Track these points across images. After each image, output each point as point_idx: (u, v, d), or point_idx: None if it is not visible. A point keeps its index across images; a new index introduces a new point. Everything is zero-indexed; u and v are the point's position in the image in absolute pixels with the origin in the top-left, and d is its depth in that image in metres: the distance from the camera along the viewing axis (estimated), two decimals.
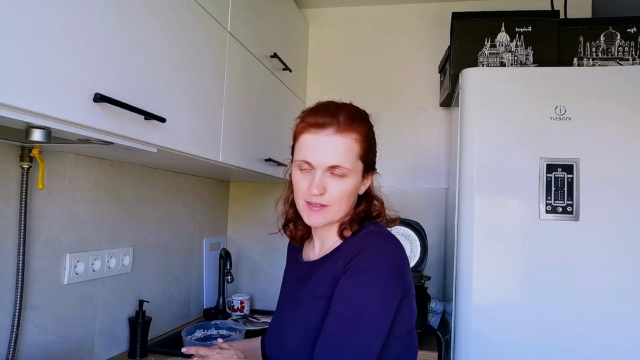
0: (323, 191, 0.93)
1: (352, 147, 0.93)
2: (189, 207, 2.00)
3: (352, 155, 0.93)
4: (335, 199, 0.94)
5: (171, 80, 1.20)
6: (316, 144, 0.93)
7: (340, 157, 0.92)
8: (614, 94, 1.53)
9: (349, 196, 0.95)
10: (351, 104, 1.00)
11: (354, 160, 0.94)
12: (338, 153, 0.92)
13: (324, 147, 0.92)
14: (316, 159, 0.93)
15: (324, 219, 0.96)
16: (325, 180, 0.93)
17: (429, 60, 2.26)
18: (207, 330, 1.78)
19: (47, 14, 0.82)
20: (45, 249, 1.28)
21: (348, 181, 0.94)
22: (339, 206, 0.95)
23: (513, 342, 1.52)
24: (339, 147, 0.92)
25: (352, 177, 0.94)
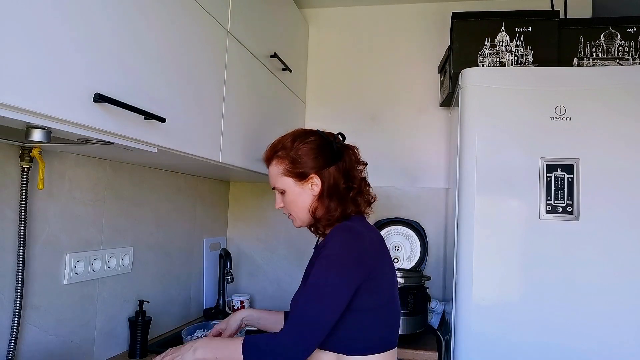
0: (280, 205, 1.28)
1: (276, 170, 1.24)
2: (189, 207, 2.00)
3: (278, 175, 1.24)
4: (291, 209, 1.26)
5: (171, 80, 1.20)
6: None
7: (272, 180, 1.27)
8: (614, 94, 1.53)
9: (295, 203, 1.24)
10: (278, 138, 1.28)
11: (282, 178, 1.23)
12: (272, 177, 1.27)
13: (269, 176, 1.29)
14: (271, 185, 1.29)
15: (296, 223, 1.28)
16: (280, 197, 1.27)
17: (429, 60, 2.26)
18: (207, 330, 1.78)
19: (47, 13, 0.82)
20: (45, 249, 1.28)
21: (288, 195, 1.24)
22: (296, 212, 1.25)
23: (513, 342, 1.52)
24: (270, 174, 1.27)
25: (289, 190, 1.23)
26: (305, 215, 1.24)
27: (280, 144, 1.25)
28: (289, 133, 1.28)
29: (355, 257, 1.11)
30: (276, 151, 1.25)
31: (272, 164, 1.26)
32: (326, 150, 1.23)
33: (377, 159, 2.20)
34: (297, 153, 1.21)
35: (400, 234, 2.18)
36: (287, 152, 1.22)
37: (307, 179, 1.21)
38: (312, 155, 1.21)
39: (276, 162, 1.24)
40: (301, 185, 1.22)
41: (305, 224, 1.28)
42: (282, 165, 1.23)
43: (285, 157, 1.22)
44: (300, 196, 1.23)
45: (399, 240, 2.17)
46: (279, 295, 2.34)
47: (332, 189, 1.21)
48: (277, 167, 1.24)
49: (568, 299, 1.51)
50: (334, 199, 1.21)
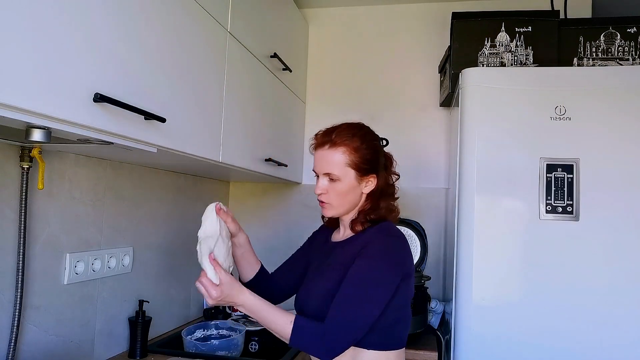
0: (323, 191, 1.24)
1: (340, 158, 1.21)
2: (189, 207, 2.00)
3: (340, 164, 1.21)
4: (332, 198, 1.24)
5: (171, 80, 1.20)
6: (317, 158, 1.25)
7: (329, 165, 1.22)
8: (614, 94, 1.53)
9: (344, 195, 1.23)
10: (347, 124, 1.26)
11: (344, 168, 1.21)
12: (330, 163, 1.22)
13: (321, 159, 1.24)
14: (318, 168, 1.25)
15: (330, 212, 1.26)
16: (326, 184, 1.23)
17: (429, 60, 2.26)
18: (207, 330, 1.78)
19: (47, 14, 0.82)
20: (45, 249, 1.28)
21: (340, 184, 1.22)
22: (338, 202, 1.24)
23: (513, 342, 1.52)
24: (328, 159, 1.22)
25: (347, 181, 1.22)
26: (346, 208, 1.26)
27: (352, 135, 1.23)
28: (355, 125, 1.26)
29: (400, 259, 1.18)
30: (345, 140, 1.22)
31: (338, 150, 1.21)
32: (382, 154, 1.29)
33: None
34: (368, 150, 1.23)
35: None
36: (360, 145, 1.22)
37: (367, 177, 1.24)
38: (377, 155, 1.25)
39: (344, 150, 1.21)
40: (359, 181, 1.23)
41: (338, 215, 1.28)
42: (350, 156, 1.21)
43: (357, 150, 1.21)
44: (354, 190, 1.24)
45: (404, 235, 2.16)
46: None
47: (382, 192, 1.27)
48: (343, 156, 1.21)
49: (568, 299, 1.51)
50: (383, 201, 1.26)
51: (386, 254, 1.17)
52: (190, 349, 1.60)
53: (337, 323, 1.11)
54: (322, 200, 1.26)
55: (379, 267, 1.15)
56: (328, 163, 1.22)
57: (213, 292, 1.13)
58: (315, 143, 1.27)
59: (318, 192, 1.25)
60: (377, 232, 1.22)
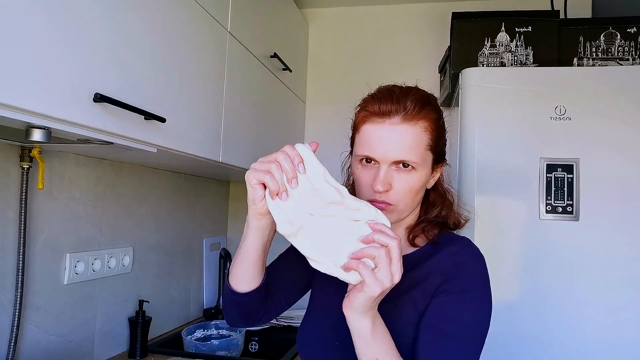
0: (388, 187, 0.81)
1: (421, 137, 0.81)
2: (189, 207, 2.00)
3: (421, 146, 0.81)
4: (402, 197, 0.82)
5: (171, 80, 1.20)
6: (381, 135, 0.80)
7: (408, 150, 0.80)
8: (614, 94, 1.53)
9: (416, 192, 0.84)
10: (418, 88, 0.86)
11: (423, 152, 0.81)
12: (405, 145, 0.80)
13: (389, 139, 0.80)
14: (381, 153, 0.80)
15: (395, 215, 0.84)
16: (391, 175, 0.81)
17: (429, 60, 2.26)
18: (207, 330, 1.78)
19: (47, 13, 0.82)
20: (45, 249, 1.28)
21: (417, 175, 0.82)
22: (405, 204, 0.84)
23: (513, 342, 1.52)
24: (406, 138, 0.80)
25: (421, 170, 0.82)
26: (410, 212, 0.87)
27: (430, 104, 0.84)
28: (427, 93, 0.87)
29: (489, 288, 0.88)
30: (428, 111, 0.82)
31: (419, 126, 0.81)
32: None
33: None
34: (443, 125, 0.86)
35: None
36: (438, 120, 0.84)
37: (439, 166, 0.88)
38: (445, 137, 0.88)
39: (426, 126, 0.81)
40: (434, 170, 0.87)
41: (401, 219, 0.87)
42: (432, 133, 0.82)
43: (438, 127, 0.84)
44: (424, 184, 0.86)
45: None
46: None
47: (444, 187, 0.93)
48: (425, 134, 0.81)
49: (568, 299, 1.51)
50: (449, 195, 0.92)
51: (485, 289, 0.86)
52: (190, 349, 1.60)
53: None
54: (383, 200, 0.82)
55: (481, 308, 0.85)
56: (402, 144, 0.80)
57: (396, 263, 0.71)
58: (370, 111, 0.83)
59: (382, 189, 0.80)
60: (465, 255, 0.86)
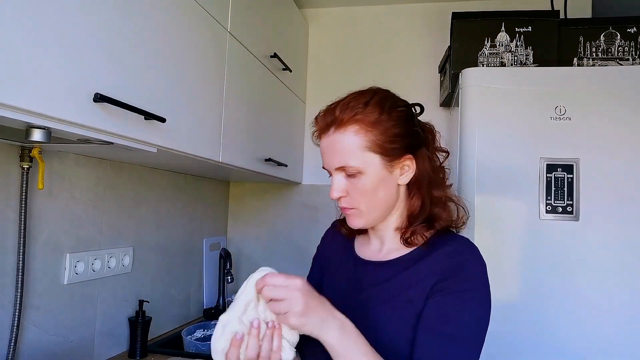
0: (344, 194, 0.87)
1: (352, 140, 0.83)
2: (189, 207, 2.00)
3: (356, 149, 0.83)
4: (358, 200, 0.86)
5: (171, 80, 1.20)
6: (323, 149, 0.88)
7: (343, 156, 0.84)
8: (614, 94, 1.53)
9: (372, 193, 0.85)
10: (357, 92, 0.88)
11: (362, 154, 0.83)
12: (339, 153, 0.84)
13: (327, 150, 0.87)
14: (326, 164, 0.88)
15: (358, 221, 0.89)
16: (345, 182, 0.86)
17: (429, 60, 2.26)
18: (207, 330, 1.78)
19: (47, 13, 0.82)
20: (45, 249, 1.28)
21: (365, 177, 0.84)
22: (367, 205, 0.87)
23: (513, 342, 1.52)
24: (337, 146, 0.85)
25: (369, 171, 0.84)
26: (382, 212, 0.89)
27: (362, 105, 0.85)
28: (367, 91, 0.89)
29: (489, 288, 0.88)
30: (356, 113, 0.84)
31: (348, 131, 0.84)
32: (416, 124, 0.91)
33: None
34: (392, 121, 0.85)
35: None
36: (377, 117, 0.84)
37: (400, 160, 0.87)
38: (406, 127, 0.87)
39: (356, 129, 0.83)
40: (390, 168, 0.86)
41: (371, 224, 0.91)
42: (367, 134, 0.83)
43: (377, 123, 0.84)
44: (386, 184, 0.86)
45: None
46: None
47: (431, 179, 0.90)
48: (357, 137, 0.83)
49: (568, 299, 1.51)
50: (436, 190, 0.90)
51: (485, 289, 0.86)
52: (190, 349, 1.60)
53: None
54: (344, 206, 0.88)
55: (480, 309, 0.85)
56: (339, 152, 0.84)
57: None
58: (317, 129, 0.90)
59: (336, 196, 0.87)
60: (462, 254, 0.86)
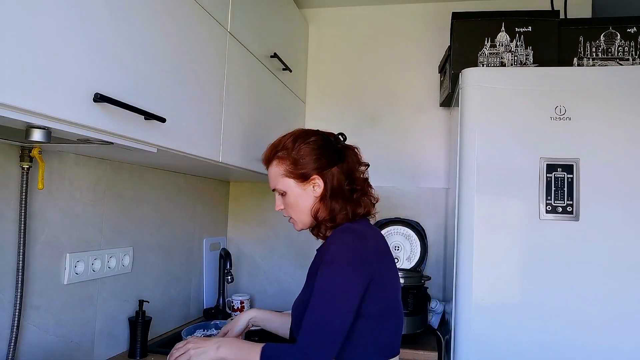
0: (280, 207, 1.25)
1: (276, 171, 1.22)
2: (189, 207, 2.00)
3: (278, 177, 1.21)
4: (290, 211, 1.24)
5: (171, 80, 1.20)
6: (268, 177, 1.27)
7: (272, 181, 1.24)
8: (614, 94, 1.53)
9: (295, 206, 1.21)
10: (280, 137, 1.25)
11: (282, 179, 1.21)
12: (271, 179, 1.25)
13: (268, 178, 1.26)
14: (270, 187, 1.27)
15: (298, 226, 1.26)
16: (280, 199, 1.25)
17: (429, 60, 2.26)
18: (207, 330, 1.78)
19: (47, 13, 0.82)
20: (45, 249, 1.28)
21: (287, 197, 1.22)
22: (297, 214, 1.23)
23: (513, 342, 1.52)
24: (270, 175, 1.25)
25: (290, 191, 1.21)
26: (306, 218, 1.22)
27: (281, 144, 1.22)
28: (289, 133, 1.25)
29: (360, 258, 1.09)
30: (277, 151, 1.22)
31: (273, 164, 1.23)
32: (328, 150, 1.20)
33: (377, 159, 2.19)
34: (298, 153, 1.19)
35: (400, 234, 2.18)
36: (289, 152, 1.20)
37: (309, 180, 1.19)
38: (314, 155, 1.18)
39: (277, 162, 1.22)
40: (303, 187, 1.19)
41: (306, 227, 1.25)
42: (283, 166, 1.20)
43: (286, 157, 1.20)
44: (302, 198, 1.20)
45: (399, 240, 2.17)
46: (279, 295, 2.34)
47: (335, 190, 1.18)
48: (277, 168, 1.21)
49: (568, 299, 1.51)
50: (337, 201, 1.18)
51: (342, 260, 1.08)
52: None
53: (309, 342, 1.03)
54: (285, 215, 1.26)
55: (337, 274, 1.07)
56: (271, 179, 1.24)
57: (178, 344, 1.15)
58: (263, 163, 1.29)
59: (277, 209, 1.26)
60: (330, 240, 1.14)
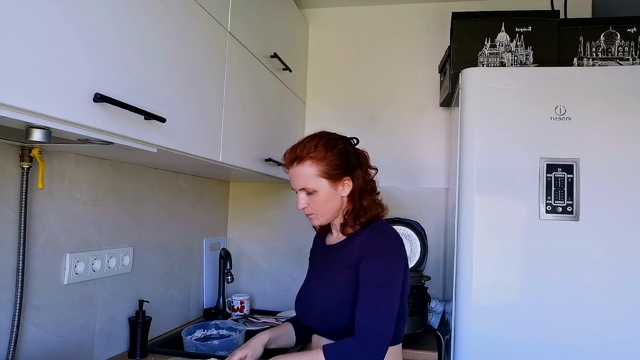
0: (305, 205, 1.29)
1: (310, 171, 1.26)
2: (189, 207, 2.00)
3: (312, 176, 1.26)
4: (315, 208, 1.29)
5: (171, 80, 1.20)
6: (290, 176, 1.30)
7: (302, 180, 1.27)
8: (614, 94, 1.53)
9: (324, 204, 1.28)
10: (309, 137, 1.31)
11: (316, 179, 1.26)
12: (301, 178, 1.27)
13: (293, 178, 1.29)
14: (293, 186, 1.31)
15: (317, 221, 1.32)
16: (304, 197, 1.29)
17: (429, 60, 2.26)
18: (207, 330, 1.78)
19: (47, 13, 0.82)
20: (45, 249, 1.28)
21: (318, 195, 1.27)
22: (322, 211, 1.29)
23: (513, 342, 1.52)
24: (301, 174, 1.27)
25: (323, 190, 1.26)
26: (332, 215, 1.31)
27: (314, 146, 1.27)
28: (316, 135, 1.31)
29: (400, 252, 1.24)
30: (309, 152, 1.27)
31: (305, 165, 1.26)
32: (352, 154, 1.31)
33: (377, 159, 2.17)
34: (333, 155, 1.27)
35: (400, 234, 2.16)
36: (324, 154, 1.26)
37: (341, 181, 1.28)
38: (344, 158, 1.28)
39: (311, 163, 1.26)
40: (335, 187, 1.28)
41: (326, 223, 1.34)
42: (318, 166, 1.26)
43: (322, 159, 1.26)
44: (332, 197, 1.28)
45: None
46: (279, 295, 2.34)
47: (361, 190, 1.30)
48: (312, 169, 1.26)
49: (568, 299, 1.51)
50: (363, 199, 1.30)
51: (392, 252, 1.22)
52: (190, 349, 1.60)
53: (372, 330, 1.14)
54: (307, 212, 1.31)
55: (390, 265, 1.20)
56: (301, 179, 1.27)
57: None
58: (284, 163, 1.31)
59: (300, 207, 1.30)
60: (375, 234, 1.25)
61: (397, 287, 1.20)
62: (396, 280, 1.20)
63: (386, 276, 1.19)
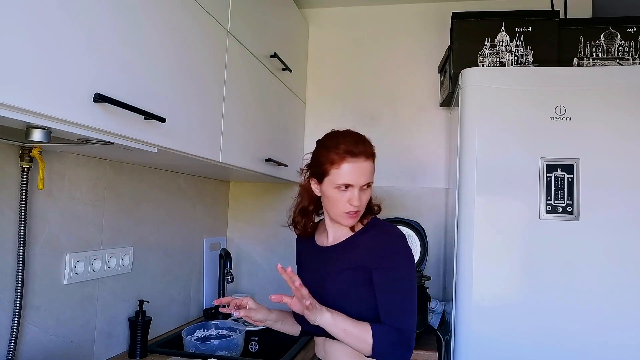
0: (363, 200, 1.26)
1: (372, 168, 1.27)
2: (189, 207, 2.00)
3: (372, 172, 1.27)
4: (364, 205, 1.27)
5: (171, 80, 1.20)
6: (353, 169, 1.22)
7: (369, 176, 1.25)
8: (614, 94, 1.53)
9: (367, 199, 1.27)
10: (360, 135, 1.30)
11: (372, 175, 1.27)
12: (369, 174, 1.25)
13: (358, 172, 1.22)
14: (356, 181, 1.22)
15: (356, 220, 1.28)
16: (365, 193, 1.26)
17: (429, 60, 2.26)
18: (207, 330, 1.78)
19: (47, 13, 0.82)
20: (45, 249, 1.28)
21: (369, 190, 1.27)
22: (363, 207, 1.27)
23: (513, 342, 1.52)
24: (367, 170, 1.24)
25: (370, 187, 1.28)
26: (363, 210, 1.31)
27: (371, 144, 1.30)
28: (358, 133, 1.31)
29: (410, 252, 1.27)
30: (373, 149, 1.30)
31: (370, 160, 1.27)
32: None
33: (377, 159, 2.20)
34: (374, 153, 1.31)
35: None
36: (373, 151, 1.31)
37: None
38: None
39: (372, 159, 1.28)
40: None
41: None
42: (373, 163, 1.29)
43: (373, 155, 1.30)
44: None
45: None
46: None
47: None
48: (372, 165, 1.27)
49: (568, 299, 1.51)
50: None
51: (407, 251, 1.25)
52: (190, 349, 1.60)
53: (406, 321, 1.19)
54: (356, 210, 1.24)
55: (408, 263, 1.24)
56: (368, 173, 1.24)
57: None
58: (351, 154, 1.22)
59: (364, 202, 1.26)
60: (383, 240, 1.26)
61: (416, 286, 1.25)
62: (414, 279, 1.25)
63: (408, 276, 1.23)
